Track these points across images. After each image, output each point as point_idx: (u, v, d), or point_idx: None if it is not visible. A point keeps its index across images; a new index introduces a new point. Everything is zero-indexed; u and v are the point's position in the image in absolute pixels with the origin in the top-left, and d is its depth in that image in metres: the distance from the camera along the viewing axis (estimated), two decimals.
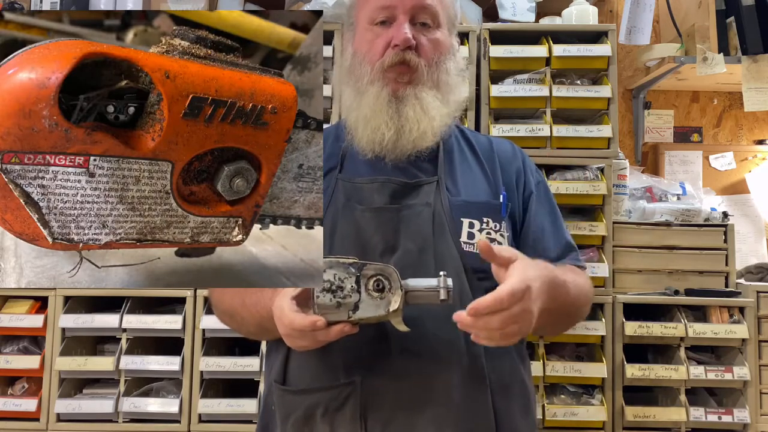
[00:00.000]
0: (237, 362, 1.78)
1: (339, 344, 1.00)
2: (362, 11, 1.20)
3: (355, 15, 1.23)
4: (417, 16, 1.16)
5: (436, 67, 1.17)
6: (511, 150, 1.29)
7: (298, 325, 0.94)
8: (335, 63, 1.87)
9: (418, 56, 1.15)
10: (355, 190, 1.15)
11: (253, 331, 1.15)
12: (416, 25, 1.16)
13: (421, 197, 1.14)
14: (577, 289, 1.12)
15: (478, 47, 1.92)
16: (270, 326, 1.02)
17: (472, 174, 1.22)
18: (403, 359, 1.06)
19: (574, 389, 1.85)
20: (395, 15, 1.15)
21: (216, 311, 1.25)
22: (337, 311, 0.94)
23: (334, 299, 0.93)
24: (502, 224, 1.16)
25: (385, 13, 1.16)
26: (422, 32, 1.17)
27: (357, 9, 1.22)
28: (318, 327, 0.92)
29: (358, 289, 0.94)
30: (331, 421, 1.05)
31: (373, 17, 1.17)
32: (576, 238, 1.80)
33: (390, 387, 1.05)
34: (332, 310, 0.94)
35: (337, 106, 1.87)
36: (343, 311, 0.94)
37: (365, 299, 0.94)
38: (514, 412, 1.11)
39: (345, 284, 0.94)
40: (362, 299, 0.94)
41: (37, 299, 1.87)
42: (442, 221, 1.12)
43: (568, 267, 1.18)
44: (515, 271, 0.92)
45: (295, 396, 1.09)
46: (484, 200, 1.17)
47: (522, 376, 1.16)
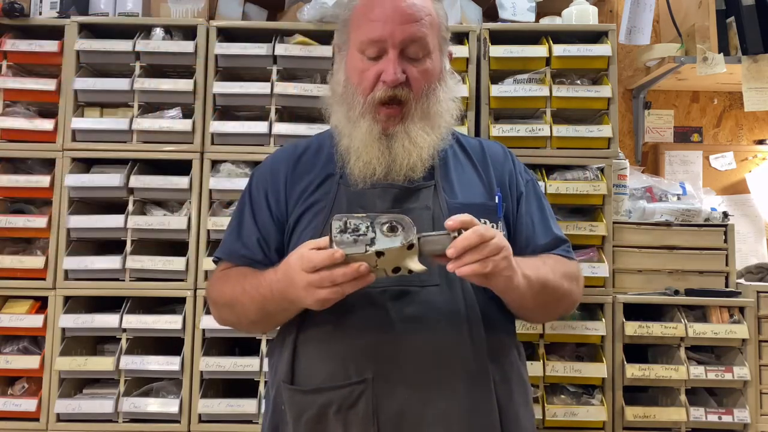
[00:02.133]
0: (237, 362, 1.78)
1: (349, 343, 1.03)
2: (354, 35, 1.19)
3: (347, 35, 1.22)
4: (407, 48, 1.16)
5: (426, 99, 1.18)
6: (502, 152, 1.32)
7: (316, 259, 0.95)
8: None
9: (409, 90, 1.16)
10: (357, 195, 1.17)
11: (254, 318, 1.16)
12: (407, 57, 1.16)
13: (421, 201, 1.17)
14: (559, 272, 1.16)
15: (478, 47, 1.92)
16: (272, 308, 1.03)
17: (467, 177, 1.24)
18: (411, 355, 1.09)
19: (574, 389, 1.85)
20: (385, 48, 1.15)
21: (215, 309, 1.25)
22: (354, 245, 0.95)
23: (350, 237, 0.96)
24: (498, 224, 1.20)
25: (376, 47, 1.15)
26: (413, 64, 1.16)
27: (350, 30, 1.21)
28: (336, 258, 0.94)
29: (373, 230, 0.97)
30: (344, 419, 1.08)
31: (363, 48, 1.17)
32: (576, 238, 1.82)
33: (400, 383, 1.08)
34: (350, 245, 0.95)
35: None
36: (360, 245, 0.95)
37: (380, 237, 0.96)
38: (516, 403, 1.16)
39: (360, 226, 0.97)
40: (377, 237, 0.96)
41: (37, 299, 1.87)
42: (441, 223, 1.13)
43: (554, 256, 1.22)
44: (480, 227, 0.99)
45: (306, 395, 1.10)
46: (481, 202, 1.21)
47: (520, 370, 1.21)
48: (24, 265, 1.83)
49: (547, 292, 1.15)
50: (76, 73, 1.89)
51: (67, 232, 1.84)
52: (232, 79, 1.92)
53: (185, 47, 1.88)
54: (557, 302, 1.22)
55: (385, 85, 1.14)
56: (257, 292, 1.10)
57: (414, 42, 1.15)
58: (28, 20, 1.92)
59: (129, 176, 1.85)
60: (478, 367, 1.12)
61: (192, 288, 1.82)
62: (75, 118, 1.88)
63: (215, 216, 1.83)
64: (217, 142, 1.88)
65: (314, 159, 1.26)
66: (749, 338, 1.79)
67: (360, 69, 1.17)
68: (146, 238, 1.86)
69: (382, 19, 1.14)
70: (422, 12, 1.16)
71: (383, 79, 1.14)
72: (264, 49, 1.88)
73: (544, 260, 1.19)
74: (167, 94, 1.88)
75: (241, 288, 1.14)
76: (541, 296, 1.14)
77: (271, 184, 1.25)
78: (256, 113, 1.98)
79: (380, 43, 1.15)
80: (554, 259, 1.22)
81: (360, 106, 1.17)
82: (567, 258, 1.26)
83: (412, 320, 1.10)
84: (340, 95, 1.22)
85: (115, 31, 1.93)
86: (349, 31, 1.21)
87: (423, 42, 1.16)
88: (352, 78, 1.19)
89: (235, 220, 1.28)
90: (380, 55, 1.16)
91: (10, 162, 1.94)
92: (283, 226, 1.22)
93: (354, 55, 1.19)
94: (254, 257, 1.21)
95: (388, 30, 1.14)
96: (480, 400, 1.11)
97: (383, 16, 1.14)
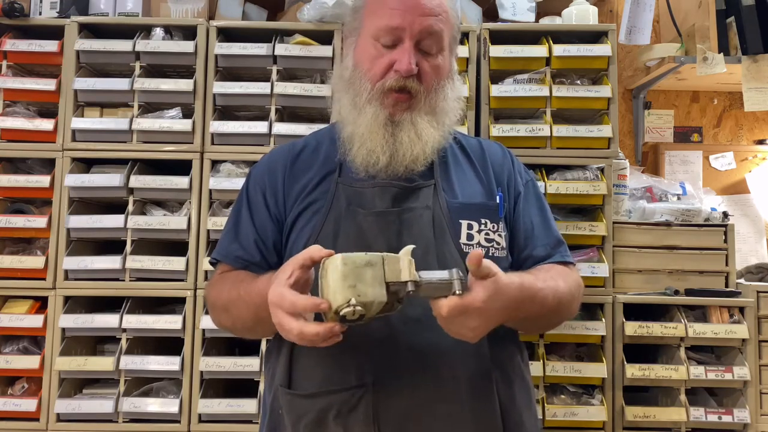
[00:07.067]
0: (237, 362, 1.78)
1: (348, 345, 1.00)
2: (369, 21, 1.18)
3: (361, 21, 1.21)
4: (423, 41, 1.15)
5: (435, 94, 1.17)
6: (501, 152, 1.32)
7: (300, 306, 0.92)
8: (335, 66, 1.87)
9: (420, 83, 1.15)
10: (356, 194, 1.16)
11: (249, 324, 1.14)
12: (420, 50, 1.16)
13: (421, 200, 1.16)
14: (557, 297, 1.12)
15: (478, 47, 1.92)
16: (264, 315, 1.02)
17: (467, 176, 1.24)
18: (412, 358, 1.07)
19: (574, 389, 1.85)
20: (402, 37, 1.14)
21: (212, 312, 1.24)
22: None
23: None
24: (499, 224, 1.19)
25: (392, 36, 1.15)
26: (425, 58, 1.16)
27: (364, 16, 1.20)
28: (322, 309, 0.91)
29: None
30: (344, 424, 1.06)
31: (378, 35, 1.16)
32: (576, 238, 1.83)
33: (401, 387, 1.07)
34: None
35: (336, 107, 1.87)
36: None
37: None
38: (519, 405, 1.15)
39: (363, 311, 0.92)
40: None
41: (37, 299, 1.87)
42: (442, 223, 1.14)
43: (555, 270, 1.19)
44: (484, 290, 0.94)
45: (305, 400, 1.09)
46: (481, 202, 1.20)
47: (522, 371, 1.20)
48: (24, 265, 1.83)
49: (539, 325, 1.23)
50: (76, 73, 1.89)
51: (67, 232, 1.84)
52: (232, 79, 1.93)
53: (185, 47, 1.88)
54: (550, 326, 1.31)
55: (397, 74, 1.13)
56: (250, 297, 1.08)
57: (430, 35, 1.15)
58: (28, 20, 1.92)
59: (129, 176, 1.85)
60: (480, 370, 1.10)
61: (192, 288, 1.82)
62: (75, 118, 1.88)
63: (215, 216, 1.83)
64: (217, 142, 1.88)
65: (312, 157, 1.25)
66: (749, 338, 1.79)
67: (372, 56, 1.16)
68: (146, 238, 1.86)
69: (402, 8, 1.14)
70: (441, 8, 1.17)
71: (396, 68, 1.13)
72: (264, 49, 1.88)
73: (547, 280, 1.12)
74: (167, 94, 1.88)
75: (236, 294, 1.12)
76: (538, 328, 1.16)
77: (268, 182, 1.24)
78: (256, 113, 1.98)
79: (398, 31, 1.14)
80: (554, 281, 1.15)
81: (367, 92, 1.15)
82: (566, 264, 1.24)
83: (413, 322, 1.08)
84: (347, 81, 1.20)
85: (115, 31, 1.93)
86: (362, 17, 1.20)
87: (438, 37, 1.16)
88: (363, 64, 1.17)
89: (232, 220, 1.26)
90: (395, 45, 1.15)
91: (10, 162, 1.94)
92: (281, 225, 1.21)
93: (366, 42, 1.18)
94: (252, 259, 1.19)
95: (408, 19, 1.13)
96: (483, 403, 1.09)
97: (403, 6, 1.14)
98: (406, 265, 0.93)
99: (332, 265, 0.92)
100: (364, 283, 0.91)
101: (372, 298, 0.91)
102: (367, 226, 1.13)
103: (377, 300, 0.91)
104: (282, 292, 0.94)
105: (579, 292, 1.23)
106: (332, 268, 0.91)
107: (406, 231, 1.13)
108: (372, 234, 1.12)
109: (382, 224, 1.13)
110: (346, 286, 0.90)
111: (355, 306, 0.90)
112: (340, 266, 0.91)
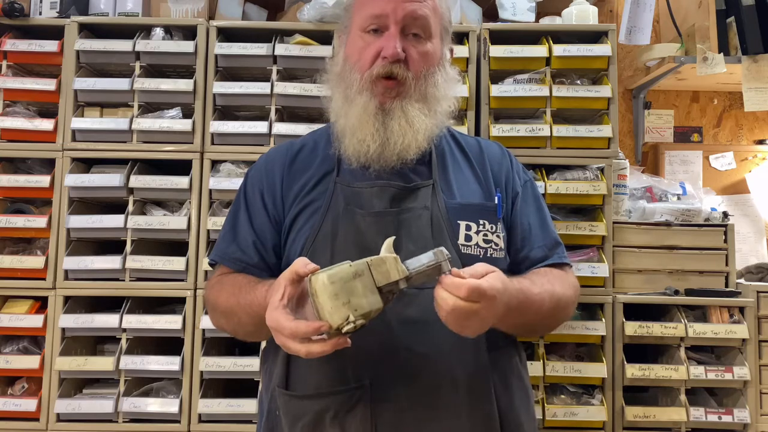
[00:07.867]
0: (237, 362, 1.78)
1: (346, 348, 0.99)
2: (356, 16, 1.20)
3: (350, 19, 1.23)
4: (409, 26, 1.16)
5: (424, 80, 1.17)
6: (500, 152, 1.31)
7: (301, 333, 0.90)
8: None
9: (407, 69, 1.15)
10: (354, 194, 1.16)
11: (250, 329, 1.14)
12: (407, 36, 1.16)
13: (419, 201, 1.16)
14: (553, 302, 1.12)
15: (478, 47, 1.92)
16: (264, 323, 1.02)
17: (465, 177, 1.23)
18: (410, 359, 1.07)
19: (574, 389, 1.85)
20: (387, 24, 1.15)
21: (212, 314, 1.23)
22: None
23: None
24: (497, 225, 1.19)
25: (377, 22, 1.16)
26: (413, 43, 1.16)
27: (352, 13, 1.22)
28: (323, 331, 0.90)
29: None
30: (341, 425, 1.06)
31: (364, 25, 1.17)
32: (576, 238, 1.83)
33: (398, 388, 1.06)
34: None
35: (330, 104, 1.87)
36: None
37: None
38: (516, 406, 1.14)
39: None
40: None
41: (37, 299, 1.87)
42: (440, 224, 1.14)
43: (552, 274, 1.19)
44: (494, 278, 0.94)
45: (302, 401, 1.09)
46: (479, 202, 1.20)
47: (521, 373, 1.20)
48: (24, 265, 1.83)
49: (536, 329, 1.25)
50: (76, 73, 1.89)
51: (67, 232, 1.84)
52: (232, 79, 1.93)
53: (185, 47, 1.88)
54: (547, 330, 1.34)
55: (384, 61, 1.14)
56: (251, 309, 1.08)
57: (415, 20, 1.16)
58: (28, 20, 1.92)
59: (129, 176, 1.85)
60: (478, 372, 1.10)
61: (192, 288, 1.82)
62: (75, 118, 1.88)
63: (215, 216, 1.83)
64: (217, 142, 1.88)
65: (310, 157, 1.25)
66: (749, 338, 1.79)
67: (360, 47, 1.18)
68: (146, 238, 1.86)
69: None
70: None
71: (383, 54, 1.14)
72: (264, 49, 1.88)
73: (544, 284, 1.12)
74: (167, 94, 1.88)
75: (235, 300, 1.12)
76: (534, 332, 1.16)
77: (266, 183, 1.23)
78: (256, 113, 1.98)
79: (382, 18, 1.15)
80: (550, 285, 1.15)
81: (357, 82, 1.16)
82: (563, 266, 1.24)
83: (411, 323, 1.07)
84: (338, 74, 1.22)
85: (115, 31, 1.93)
86: (351, 14, 1.22)
87: (424, 22, 1.17)
88: (352, 56, 1.19)
89: (230, 221, 1.25)
90: (381, 31, 1.16)
91: (10, 162, 1.94)
92: (279, 225, 1.20)
93: (355, 35, 1.19)
94: (250, 261, 1.19)
95: (391, 6, 1.15)
96: (480, 404, 1.09)
97: None
98: (393, 263, 0.93)
99: (319, 284, 0.90)
100: (356, 296, 0.90)
101: (369, 308, 0.91)
102: (366, 226, 1.13)
103: (374, 308, 0.91)
104: (278, 319, 0.92)
105: (575, 295, 1.23)
106: (320, 288, 0.90)
107: (404, 231, 1.12)
108: (370, 234, 1.12)
109: (380, 225, 1.13)
110: (339, 304, 0.89)
111: (355, 321, 0.89)
112: (328, 286, 0.90)
